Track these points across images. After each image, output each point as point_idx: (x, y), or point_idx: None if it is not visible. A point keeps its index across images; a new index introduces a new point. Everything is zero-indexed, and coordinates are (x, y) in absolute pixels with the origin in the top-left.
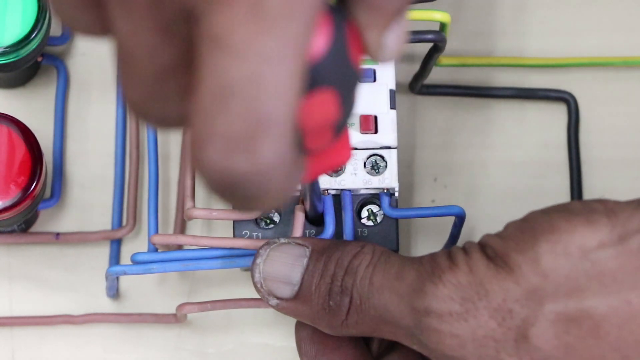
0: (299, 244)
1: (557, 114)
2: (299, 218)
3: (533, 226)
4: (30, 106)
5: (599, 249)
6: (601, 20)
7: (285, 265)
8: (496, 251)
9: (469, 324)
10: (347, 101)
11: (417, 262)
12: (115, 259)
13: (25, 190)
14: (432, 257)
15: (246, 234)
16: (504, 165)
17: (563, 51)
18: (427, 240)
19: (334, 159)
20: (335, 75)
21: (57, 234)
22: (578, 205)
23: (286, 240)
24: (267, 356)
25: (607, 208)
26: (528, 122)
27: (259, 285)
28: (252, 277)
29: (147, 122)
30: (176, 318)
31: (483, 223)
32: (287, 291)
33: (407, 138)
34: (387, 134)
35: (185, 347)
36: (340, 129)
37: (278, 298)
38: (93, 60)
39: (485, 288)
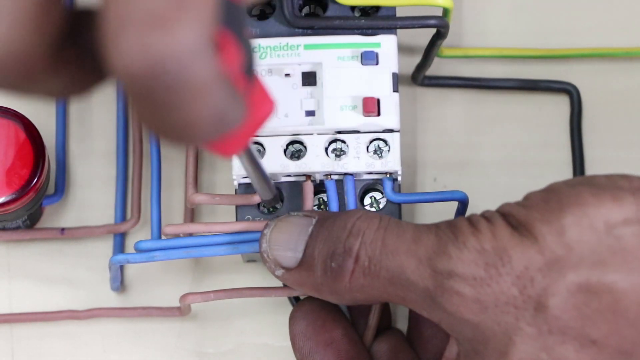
0: (307, 215)
1: (559, 112)
2: (308, 189)
3: (559, 197)
4: (32, 103)
5: (624, 226)
6: (601, 20)
7: (292, 234)
8: (519, 220)
9: (492, 289)
10: (244, 40)
11: (434, 227)
12: (119, 251)
13: (28, 183)
14: (451, 223)
15: (249, 219)
16: (504, 165)
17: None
18: None
19: (262, 110)
20: (225, 17)
21: (62, 229)
22: (604, 180)
23: (295, 213)
24: (267, 356)
25: (633, 186)
26: (529, 119)
27: (265, 255)
28: (260, 247)
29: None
30: (180, 311)
31: None
32: (291, 259)
33: (408, 138)
34: (390, 116)
35: (185, 347)
36: (249, 72)
37: (283, 268)
38: None
39: (509, 255)
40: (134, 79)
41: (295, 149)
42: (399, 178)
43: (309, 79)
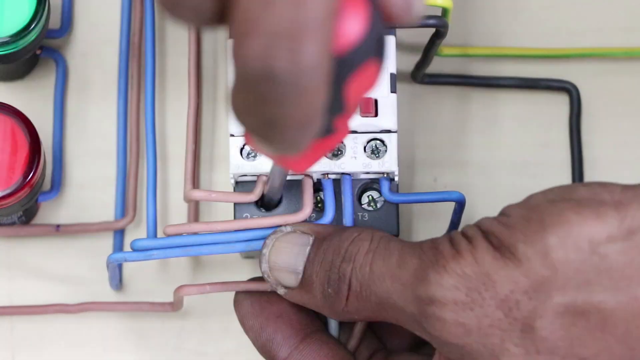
0: (303, 233)
1: (558, 111)
2: (308, 185)
3: (541, 216)
4: (30, 99)
5: (608, 243)
6: (601, 20)
7: (290, 254)
8: (502, 241)
9: (474, 313)
10: (384, 63)
11: (418, 249)
12: (119, 250)
13: (24, 178)
14: (434, 243)
15: (247, 217)
16: (504, 165)
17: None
18: (428, 226)
19: (341, 133)
20: (377, 46)
21: (58, 226)
22: (584, 192)
23: (291, 229)
24: None
25: (615, 200)
26: (529, 118)
27: (266, 275)
28: (260, 267)
29: (180, 14)
30: (172, 305)
31: None
32: (292, 280)
33: (408, 137)
34: (387, 117)
35: (185, 347)
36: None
37: (285, 287)
38: (93, 60)
39: (493, 279)
40: (252, 77)
41: None
42: (396, 178)
43: None
